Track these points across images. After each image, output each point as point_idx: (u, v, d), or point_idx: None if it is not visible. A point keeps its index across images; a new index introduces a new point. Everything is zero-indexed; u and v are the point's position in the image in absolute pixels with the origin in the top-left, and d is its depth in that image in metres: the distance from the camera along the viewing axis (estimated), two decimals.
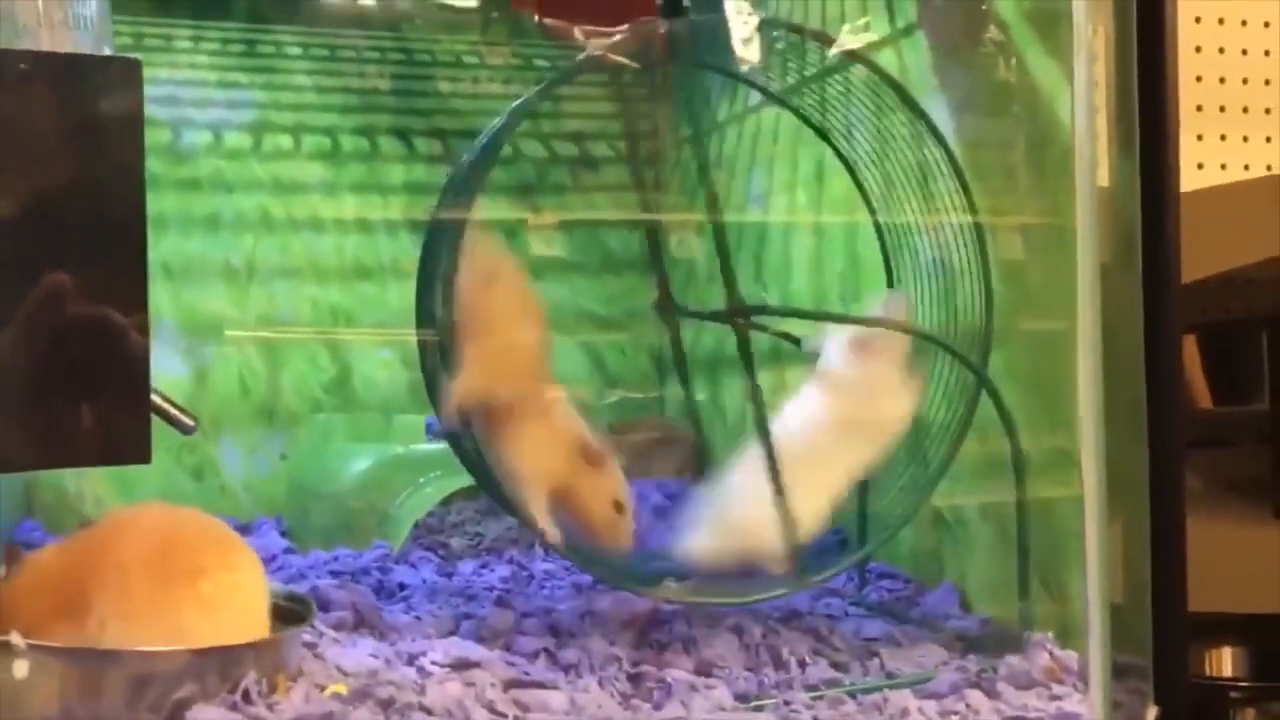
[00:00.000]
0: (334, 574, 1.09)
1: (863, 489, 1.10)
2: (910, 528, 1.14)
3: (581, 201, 1.64)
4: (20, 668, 0.62)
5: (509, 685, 0.74)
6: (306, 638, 0.77)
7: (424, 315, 0.99)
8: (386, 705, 0.66)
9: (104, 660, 0.64)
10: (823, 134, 1.12)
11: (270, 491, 1.46)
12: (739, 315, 0.94)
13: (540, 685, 0.73)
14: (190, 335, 1.47)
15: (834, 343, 1.00)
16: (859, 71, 1.04)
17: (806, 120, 1.12)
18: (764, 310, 1.01)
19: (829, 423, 0.97)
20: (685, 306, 1.11)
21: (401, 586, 1.07)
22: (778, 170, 1.39)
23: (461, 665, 0.78)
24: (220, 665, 0.66)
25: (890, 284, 1.09)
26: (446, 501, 1.31)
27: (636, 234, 1.65)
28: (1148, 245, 0.90)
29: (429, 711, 0.66)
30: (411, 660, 0.79)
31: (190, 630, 0.68)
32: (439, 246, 0.97)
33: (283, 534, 1.30)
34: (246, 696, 0.65)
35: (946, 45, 1.08)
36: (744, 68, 1.43)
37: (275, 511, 1.39)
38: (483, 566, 1.16)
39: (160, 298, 1.46)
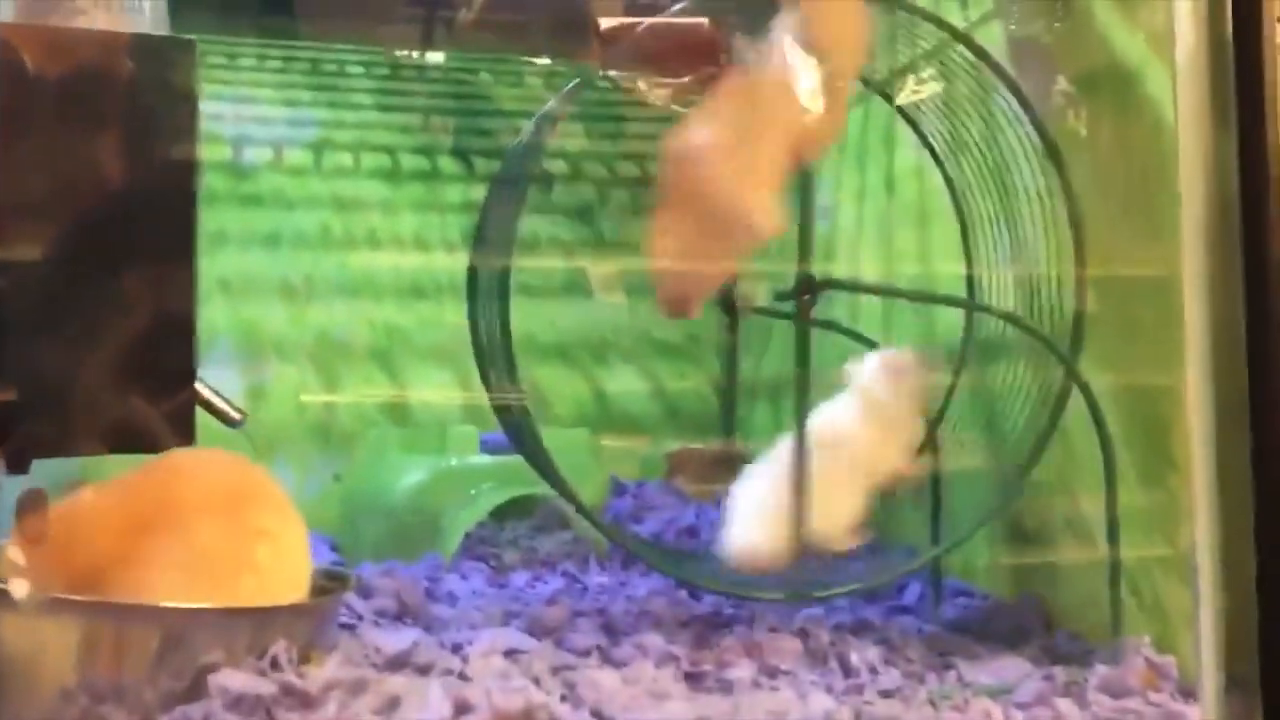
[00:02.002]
0: None
1: (936, 501, 1.04)
2: (987, 541, 1.08)
3: (641, 222, 1.61)
4: (19, 587, 0.58)
5: (557, 669, 0.68)
6: (345, 619, 0.73)
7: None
8: (424, 672, 0.61)
9: (128, 616, 0.60)
10: (914, 124, 1.08)
11: (324, 512, 1.42)
12: (806, 292, 0.89)
13: (590, 668, 0.68)
14: (247, 353, 1.46)
15: (870, 361, 1.01)
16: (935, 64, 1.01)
17: (901, 111, 1.08)
18: (830, 285, 0.97)
19: (857, 431, 0.98)
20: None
21: (451, 595, 1.03)
22: (846, 179, 1.35)
23: (508, 653, 0.72)
24: (251, 629, 0.62)
25: (970, 282, 1.05)
26: (500, 518, 1.27)
27: None
28: (1246, 223, 0.84)
29: (469, 679, 0.61)
30: (456, 649, 0.74)
31: (245, 591, 0.65)
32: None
33: (333, 549, 1.27)
34: (275, 664, 0.60)
35: (1025, 30, 1.04)
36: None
37: (328, 532, 1.36)
38: (535, 579, 1.12)
39: (218, 314, 1.45)
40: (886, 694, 0.80)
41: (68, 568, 0.65)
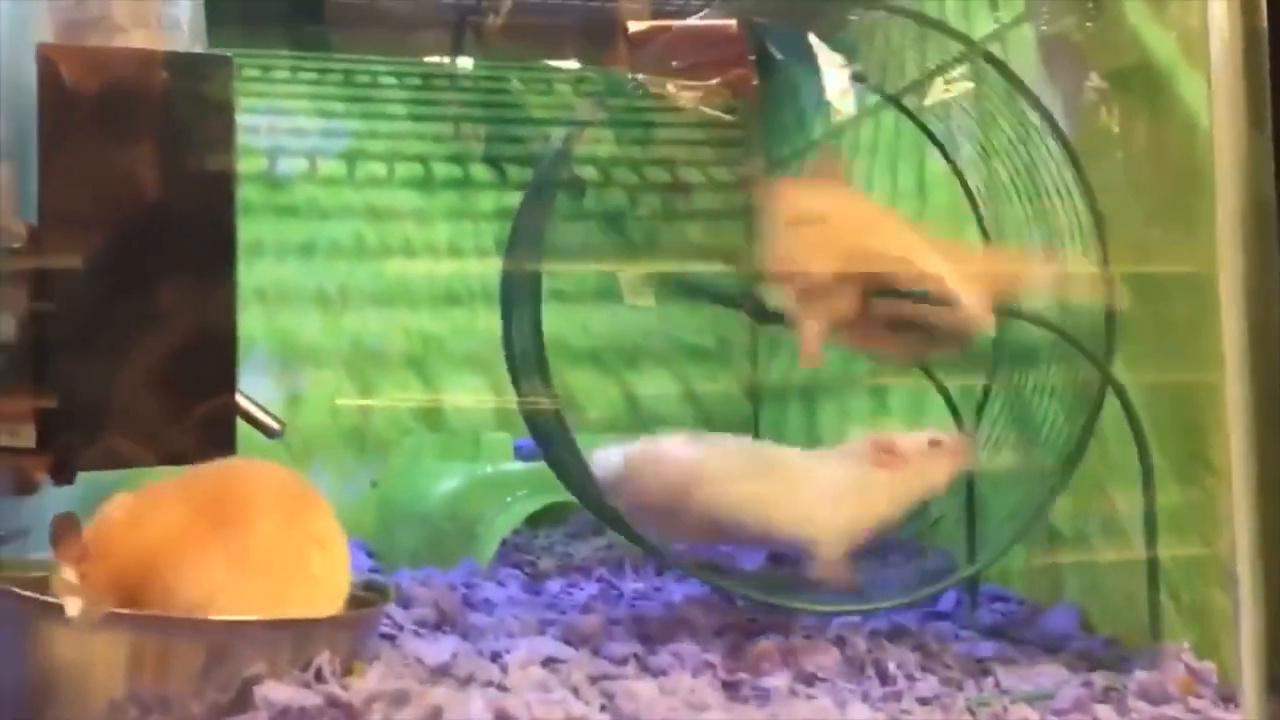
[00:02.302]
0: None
1: (971, 507, 1.04)
2: (1024, 544, 1.07)
3: (671, 229, 1.61)
4: (72, 605, 0.59)
5: (594, 679, 0.69)
6: (385, 630, 0.74)
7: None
8: (465, 683, 0.62)
9: (175, 629, 0.62)
10: (934, 139, 1.08)
11: (361, 518, 1.44)
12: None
13: (627, 678, 0.68)
14: (283, 361, 1.47)
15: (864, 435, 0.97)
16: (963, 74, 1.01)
17: (921, 125, 1.08)
18: None
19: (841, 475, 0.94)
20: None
21: (488, 602, 1.04)
22: (877, 184, 1.34)
23: (546, 663, 0.73)
24: (294, 641, 0.63)
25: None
26: (534, 525, 1.28)
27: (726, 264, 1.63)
28: None
29: (508, 690, 0.61)
30: (495, 658, 0.75)
31: (297, 596, 0.66)
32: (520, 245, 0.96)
33: (369, 555, 1.28)
34: (319, 675, 0.61)
35: (1056, 30, 1.04)
36: (837, 118, 1.42)
37: (365, 538, 1.37)
38: (571, 585, 1.12)
39: (254, 323, 1.47)
40: (924, 701, 0.80)
41: (120, 573, 0.66)
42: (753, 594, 0.87)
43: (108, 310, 0.92)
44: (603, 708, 0.61)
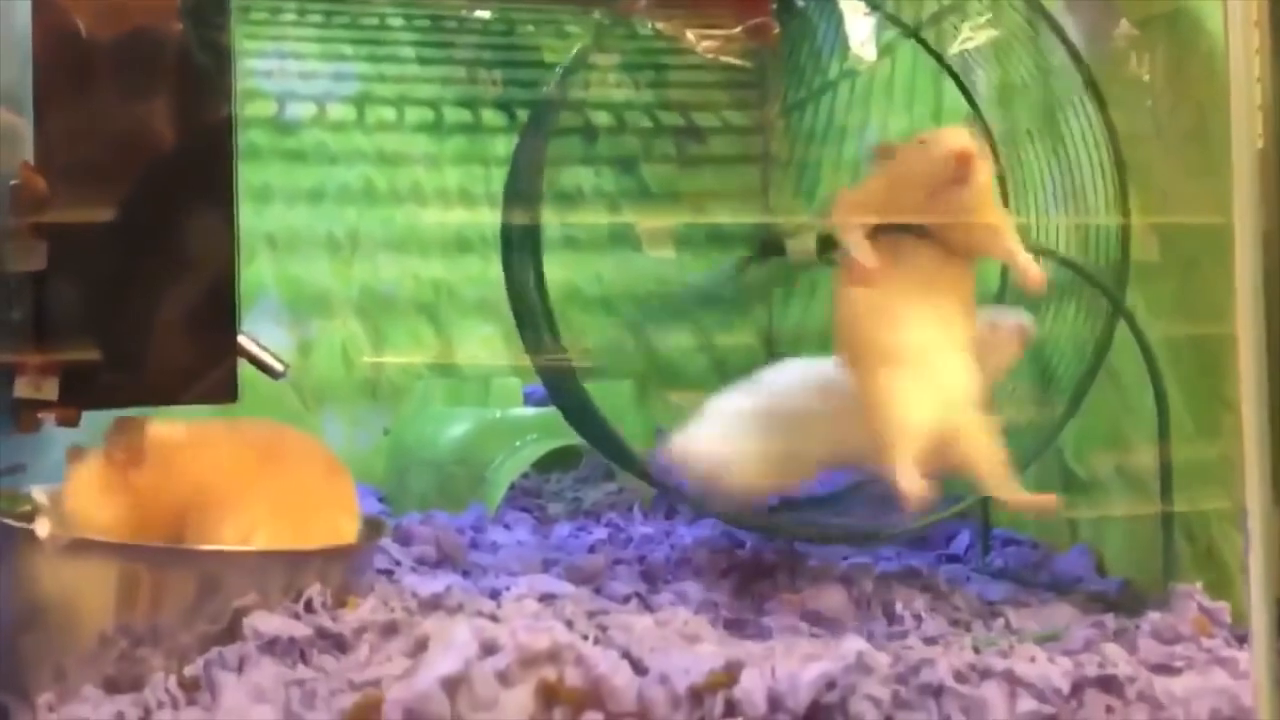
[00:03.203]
0: None
1: None
2: (1038, 487, 1.06)
3: (687, 176, 1.59)
4: (41, 527, 0.59)
5: (593, 614, 0.68)
6: (383, 565, 0.73)
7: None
8: (454, 613, 0.61)
9: (164, 559, 0.61)
10: (953, 73, 1.05)
11: (373, 465, 1.43)
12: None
13: (626, 613, 0.67)
14: (294, 308, 1.47)
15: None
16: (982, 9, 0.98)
17: (940, 58, 1.06)
18: None
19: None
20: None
21: (495, 546, 1.03)
22: (893, 123, 1.32)
23: (545, 598, 0.72)
24: (286, 572, 0.62)
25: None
26: (544, 470, 1.27)
27: (745, 208, 1.61)
28: None
29: (500, 620, 0.60)
30: (494, 595, 0.74)
31: (344, 532, 0.67)
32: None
33: (380, 500, 1.28)
34: (309, 606, 0.60)
35: None
36: (860, 65, 1.39)
37: (377, 485, 1.37)
38: (579, 529, 1.11)
39: (264, 270, 1.46)
40: (930, 640, 0.78)
41: (168, 488, 0.67)
42: (757, 526, 0.85)
43: (104, 255, 0.91)
44: (595, 640, 0.60)
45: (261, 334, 1.45)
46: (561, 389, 0.97)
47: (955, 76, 1.06)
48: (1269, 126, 0.82)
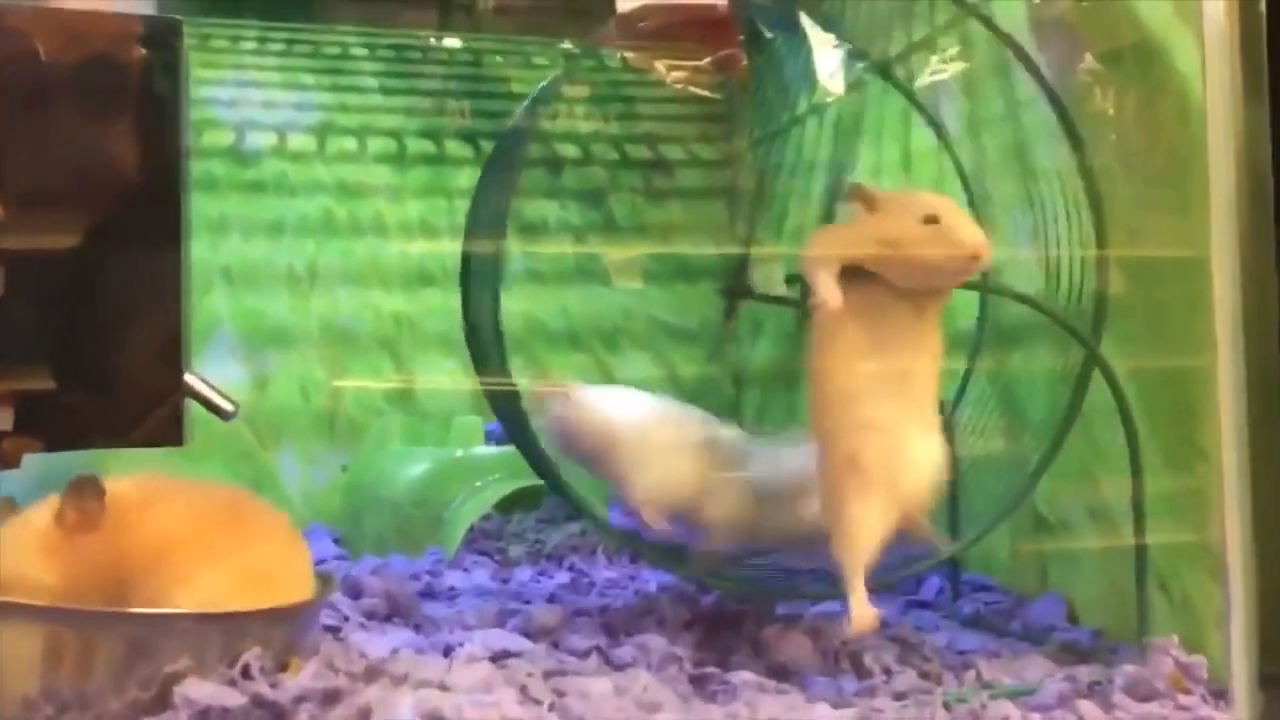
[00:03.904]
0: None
1: (953, 496, 1.00)
2: (1008, 534, 1.04)
3: (654, 209, 1.57)
4: None
5: (549, 674, 0.65)
6: (330, 622, 0.70)
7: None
8: (400, 681, 0.58)
9: (94, 622, 0.57)
10: (922, 108, 1.04)
11: (330, 503, 1.40)
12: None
13: (582, 675, 0.64)
14: (250, 342, 1.43)
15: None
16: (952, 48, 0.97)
17: (910, 94, 1.04)
18: None
19: None
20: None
21: (452, 591, 1.00)
22: (864, 159, 1.30)
23: (499, 657, 0.69)
24: (223, 636, 0.59)
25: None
26: (507, 510, 1.24)
27: (710, 240, 1.59)
28: None
29: (450, 691, 0.57)
30: (446, 651, 0.71)
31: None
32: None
33: (336, 541, 1.24)
34: (246, 672, 0.57)
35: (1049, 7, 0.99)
36: (828, 100, 1.38)
37: (333, 524, 1.33)
38: (540, 573, 1.08)
39: (220, 304, 1.42)
40: (900, 696, 0.76)
41: (124, 550, 0.64)
42: (720, 583, 0.83)
43: (55, 284, 0.88)
44: (551, 706, 0.57)
45: (216, 369, 1.43)
46: (508, 421, 0.94)
47: (924, 111, 1.05)
48: (1242, 161, 0.81)
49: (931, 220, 0.77)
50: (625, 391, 0.95)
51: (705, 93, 1.19)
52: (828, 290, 0.76)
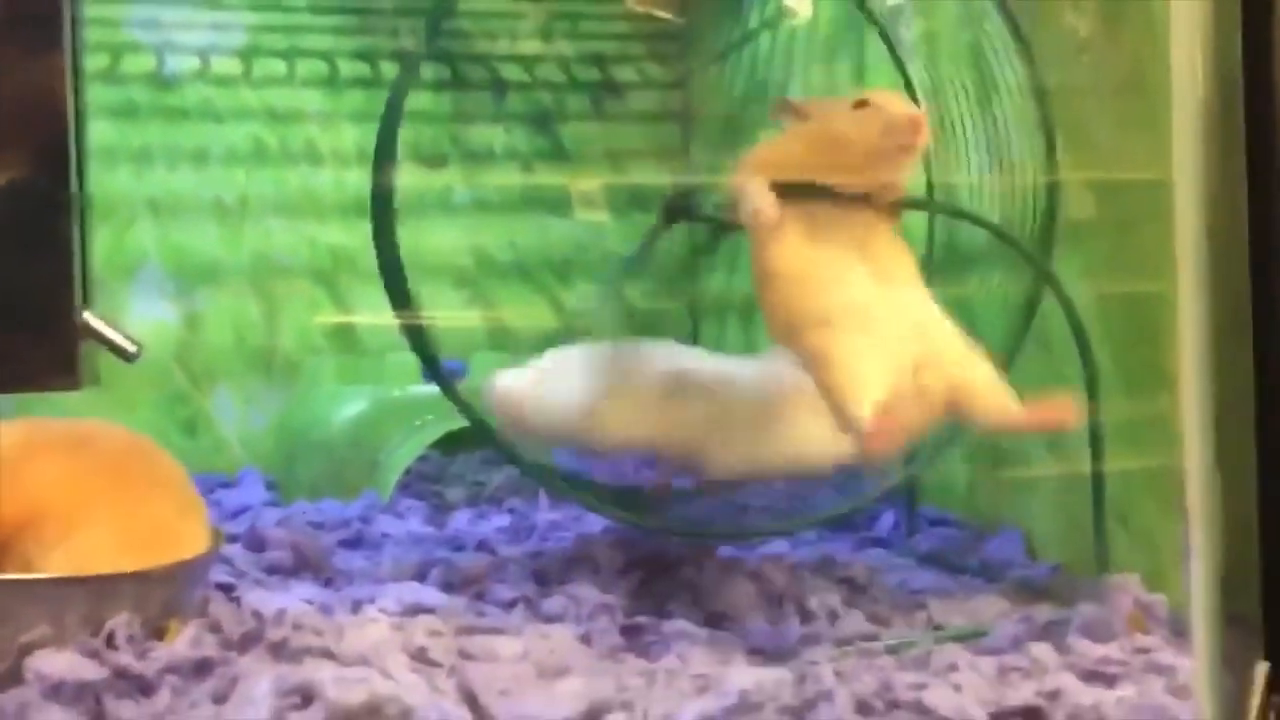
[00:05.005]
0: (313, 525, 0.96)
1: None
2: (966, 465, 0.99)
3: (604, 131, 1.50)
4: None
5: (460, 632, 0.60)
6: (224, 578, 0.65)
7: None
8: (276, 649, 0.52)
9: None
10: (874, 19, 0.97)
11: (268, 446, 1.34)
12: None
13: (497, 631, 0.59)
14: (179, 278, 1.36)
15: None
16: None
17: (862, 5, 0.98)
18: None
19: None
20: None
21: (385, 537, 0.95)
22: (814, 75, 1.24)
23: (412, 612, 0.64)
24: (91, 600, 0.53)
25: (929, 187, 0.95)
26: (449, 451, 1.19)
27: (664, 169, 1.53)
28: (1250, 118, 0.74)
29: (334, 658, 0.52)
30: (356, 607, 0.66)
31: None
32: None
33: (269, 487, 1.18)
34: (111, 641, 0.52)
35: None
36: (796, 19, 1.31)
37: (267, 469, 1.28)
38: (479, 517, 1.03)
39: (146, 238, 1.36)
40: (844, 642, 0.72)
41: None
42: (656, 526, 0.78)
43: None
44: (451, 670, 0.52)
45: (144, 306, 1.36)
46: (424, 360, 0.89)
47: (875, 20, 0.98)
48: (1210, 77, 0.76)
49: (861, 104, 0.72)
50: (559, 354, 0.89)
51: (657, 11, 1.13)
52: (761, 198, 0.71)
